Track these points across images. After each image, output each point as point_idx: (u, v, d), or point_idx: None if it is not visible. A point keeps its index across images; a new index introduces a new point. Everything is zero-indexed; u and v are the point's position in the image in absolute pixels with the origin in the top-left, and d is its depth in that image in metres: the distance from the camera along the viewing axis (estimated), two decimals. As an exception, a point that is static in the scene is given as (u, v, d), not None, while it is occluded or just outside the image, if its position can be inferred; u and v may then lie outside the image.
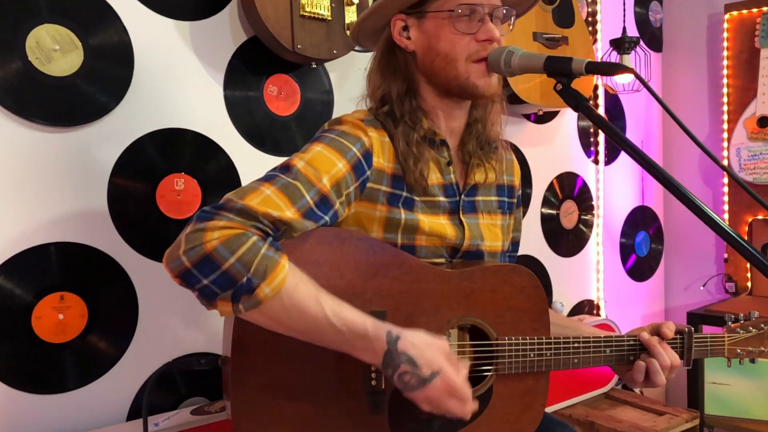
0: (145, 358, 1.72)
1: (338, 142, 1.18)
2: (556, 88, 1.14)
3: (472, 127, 1.36)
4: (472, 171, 1.35)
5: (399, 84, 1.28)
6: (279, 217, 1.04)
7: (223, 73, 1.88)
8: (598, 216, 2.99)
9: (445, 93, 1.28)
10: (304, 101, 2.02)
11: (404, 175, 1.24)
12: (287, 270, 1.00)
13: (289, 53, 1.84)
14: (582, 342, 1.31)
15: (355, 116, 1.25)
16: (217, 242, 0.97)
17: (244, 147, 1.91)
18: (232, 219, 1.00)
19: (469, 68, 1.23)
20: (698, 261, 3.26)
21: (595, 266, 3.00)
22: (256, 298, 0.99)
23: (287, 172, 1.11)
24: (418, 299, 1.19)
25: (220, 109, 1.88)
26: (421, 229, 1.25)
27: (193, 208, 1.80)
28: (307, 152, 1.15)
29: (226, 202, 1.03)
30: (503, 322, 1.26)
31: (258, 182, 1.09)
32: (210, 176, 1.85)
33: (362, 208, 1.22)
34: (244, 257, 0.97)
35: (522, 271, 1.29)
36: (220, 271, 0.97)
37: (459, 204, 1.32)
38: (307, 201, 1.09)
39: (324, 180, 1.12)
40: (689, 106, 3.24)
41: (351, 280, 1.14)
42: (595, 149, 2.98)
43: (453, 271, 1.23)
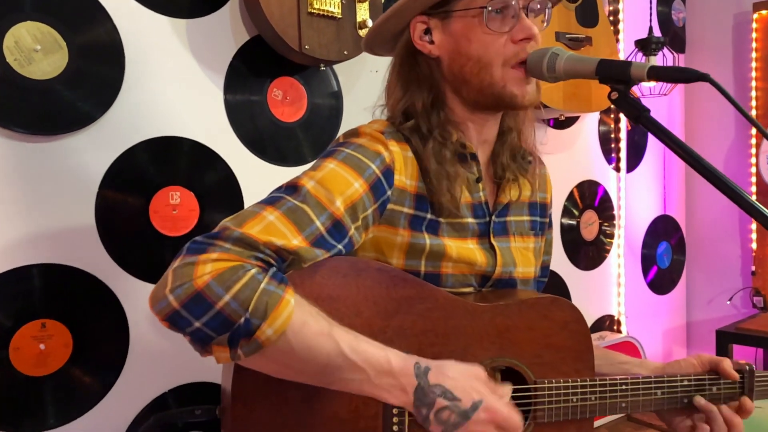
0: (136, 392, 1.57)
1: (355, 158, 1.03)
2: (611, 96, 0.98)
3: (505, 137, 1.21)
4: (504, 188, 1.19)
5: (424, 95, 1.12)
6: (284, 246, 0.89)
7: (224, 76, 1.73)
8: (619, 227, 2.83)
9: (476, 104, 1.12)
10: (311, 106, 1.86)
11: (432, 196, 1.09)
12: (292, 306, 0.86)
13: (296, 54, 1.68)
14: (630, 383, 1.16)
15: (374, 127, 1.10)
16: (209, 277, 0.82)
17: (246, 156, 1.76)
18: (227, 250, 0.85)
19: (506, 74, 1.07)
20: (722, 273, 3.10)
21: (615, 279, 2.84)
22: (257, 341, 0.84)
23: (294, 193, 0.95)
24: (446, 338, 1.04)
25: (219, 115, 1.73)
26: (448, 256, 1.09)
27: (190, 224, 1.64)
28: (318, 170, 1.00)
29: (222, 230, 0.88)
30: (542, 363, 1.11)
31: (260, 206, 0.93)
32: (209, 189, 1.69)
33: (381, 233, 1.07)
34: (240, 294, 0.83)
35: (563, 305, 1.13)
36: (213, 311, 0.82)
37: (489, 226, 1.17)
38: (317, 227, 0.94)
39: (337, 202, 0.96)
40: (713, 110, 3.08)
41: (369, 318, 0.99)
42: (616, 156, 2.82)
43: (485, 306, 1.07)
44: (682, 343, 3.22)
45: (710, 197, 3.13)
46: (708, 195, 3.13)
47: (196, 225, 1.64)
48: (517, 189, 1.20)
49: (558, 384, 1.10)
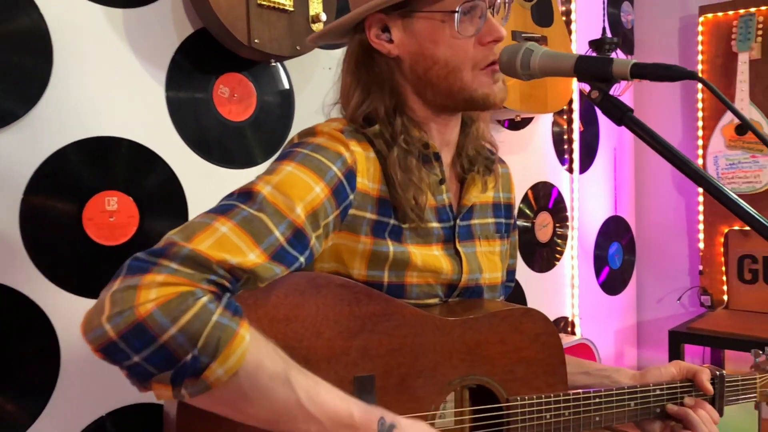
0: (69, 418, 1.42)
1: (314, 160, 0.94)
2: (592, 96, 0.92)
3: (468, 128, 1.14)
4: (467, 188, 1.12)
5: (386, 99, 1.03)
6: (239, 265, 0.79)
7: (165, 71, 1.60)
8: (572, 228, 2.83)
9: (444, 107, 1.05)
10: (261, 104, 1.75)
11: (396, 202, 1.01)
12: (247, 343, 0.75)
13: (245, 49, 1.57)
14: (604, 396, 1.11)
15: (332, 126, 1.01)
16: (154, 305, 0.71)
17: (190, 158, 1.64)
18: (175, 271, 0.74)
19: (476, 78, 1.01)
20: (671, 273, 3.14)
21: (569, 281, 2.83)
22: (205, 382, 0.73)
23: (249, 200, 0.85)
24: (413, 357, 0.96)
25: (161, 114, 1.60)
26: (413, 264, 1.01)
27: (128, 232, 1.51)
28: (275, 173, 0.90)
29: (168, 245, 0.76)
30: (514, 379, 1.05)
31: (210, 215, 0.83)
32: (149, 193, 1.56)
33: (342, 240, 0.98)
34: (189, 327, 0.72)
35: (535, 316, 1.07)
36: (156, 345, 0.72)
37: (454, 230, 1.09)
38: (277, 238, 0.84)
39: (297, 209, 0.87)
40: (661, 111, 3.11)
41: (330, 339, 0.90)
42: (569, 157, 2.81)
43: (454, 320, 1.00)
44: (633, 342, 3.25)
45: (659, 198, 3.16)
46: (657, 196, 3.17)
47: (135, 233, 1.51)
48: (479, 190, 1.14)
49: (531, 401, 1.04)
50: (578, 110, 2.79)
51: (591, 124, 2.92)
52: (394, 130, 1.02)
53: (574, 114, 2.77)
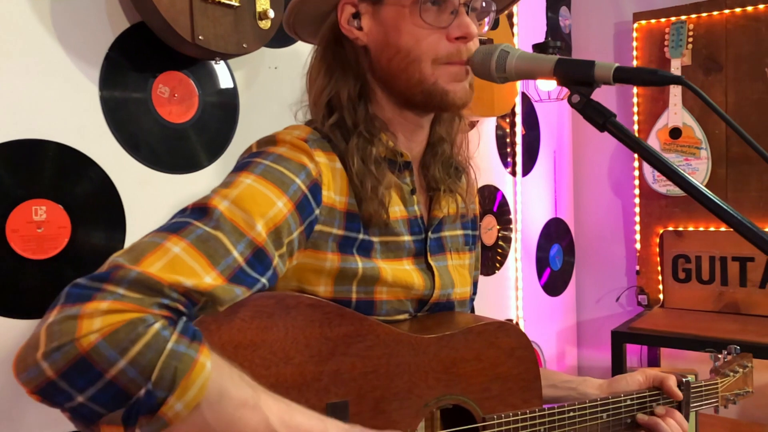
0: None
1: (276, 172, 0.86)
2: (573, 101, 0.88)
3: (436, 148, 1.09)
4: (437, 201, 1.08)
5: (350, 84, 0.99)
6: (195, 287, 0.71)
7: (99, 69, 1.47)
8: (516, 230, 2.84)
9: (405, 102, 1.01)
10: (204, 105, 1.64)
11: (360, 206, 0.94)
12: (208, 372, 0.68)
13: (188, 46, 1.46)
14: (578, 409, 1.09)
15: (294, 134, 0.93)
16: (98, 336, 0.63)
17: (128, 163, 1.51)
18: (121, 297, 0.66)
19: (436, 71, 0.96)
20: (609, 273, 3.21)
21: (514, 283, 2.84)
22: (162, 419, 0.65)
23: (204, 217, 0.77)
24: (389, 380, 0.90)
25: (95, 115, 1.47)
26: (383, 280, 0.96)
27: (59, 244, 1.37)
28: (232, 186, 0.82)
29: (113, 269, 0.68)
30: (490, 397, 1.01)
31: (160, 234, 0.74)
32: (82, 202, 1.43)
33: (307, 259, 0.91)
34: (140, 358, 0.64)
35: (510, 330, 1.04)
36: (103, 381, 0.63)
37: (426, 244, 1.04)
38: (235, 259, 0.76)
39: (258, 227, 0.80)
40: (598, 115, 3.17)
41: (301, 364, 0.83)
42: (512, 160, 2.82)
43: (430, 338, 0.95)
44: (573, 342, 3.30)
45: (596, 200, 3.23)
46: (595, 198, 3.23)
47: (67, 245, 1.38)
48: (447, 203, 1.10)
49: (507, 418, 1.00)
50: (521, 113, 2.80)
51: (532, 128, 2.94)
52: (356, 117, 0.97)
53: (517, 117, 2.78)
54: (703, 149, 2.76)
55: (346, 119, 0.97)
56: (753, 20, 2.68)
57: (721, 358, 1.34)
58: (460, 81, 0.98)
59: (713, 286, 2.79)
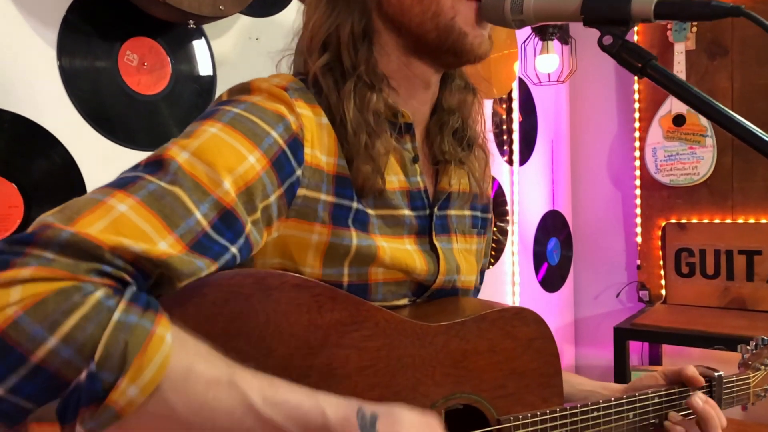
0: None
1: (247, 121, 0.71)
2: (604, 43, 0.74)
3: (445, 118, 0.94)
4: (445, 173, 0.93)
5: (354, 19, 0.82)
6: (145, 253, 0.56)
7: (56, 33, 1.31)
8: (512, 223, 2.70)
9: (414, 45, 0.84)
10: (177, 75, 1.49)
11: (351, 166, 0.79)
12: (168, 345, 0.54)
13: (158, 6, 1.31)
14: (602, 408, 0.95)
15: (273, 82, 0.78)
16: (18, 310, 0.49)
17: (90, 137, 1.35)
18: (49, 262, 0.51)
19: (457, 6, 0.80)
20: (608, 268, 3.09)
21: (510, 278, 2.70)
22: (112, 409, 0.51)
23: (158, 170, 0.62)
24: (390, 376, 0.75)
25: (53, 84, 1.31)
26: (380, 260, 0.81)
27: (9, 225, 1.21)
28: (193, 137, 0.67)
29: (41, 229, 0.53)
30: (505, 395, 0.86)
31: (103, 190, 0.60)
32: (37, 179, 1.27)
33: (290, 230, 0.76)
34: (77, 333, 0.50)
35: (528, 317, 0.89)
36: (27, 366, 0.49)
37: (431, 221, 0.89)
38: (198, 221, 0.62)
39: (225, 184, 0.65)
40: (596, 102, 3.05)
41: (285, 358, 0.68)
42: (509, 148, 2.68)
43: (437, 326, 0.80)
44: (571, 341, 3.17)
45: (596, 192, 3.10)
46: (593, 189, 3.11)
47: (18, 228, 1.22)
48: (457, 178, 0.95)
49: (525, 420, 0.86)
50: (518, 99, 2.67)
51: (529, 114, 2.81)
52: (356, 58, 0.81)
53: (514, 103, 2.65)
54: (708, 137, 2.64)
55: (343, 59, 0.81)
56: (760, 2, 2.56)
57: (749, 351, 1.21)
58: (480, 26, 0.83)
59: (718, 281, 2.67)
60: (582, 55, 2.90)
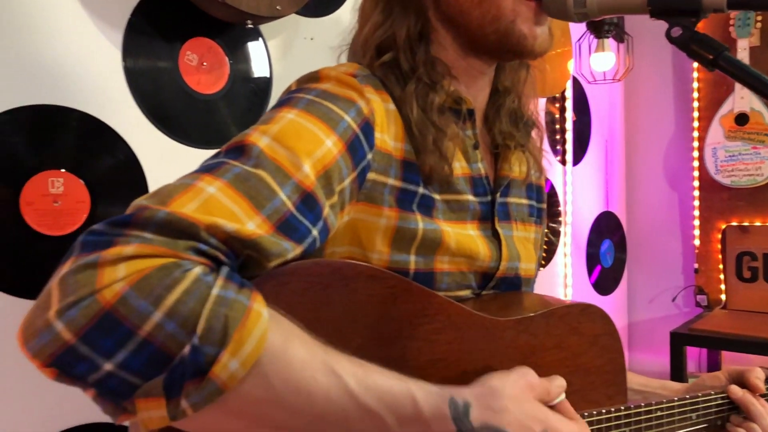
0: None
1: (322, 107, 0.72)
2: (672, 34, 0.72)
3: (501, 99, 0.95)
4: (505, 159, 0.92)
5: (410, 22, 0.84)
6: (237, 233, 0.57)
7: (122, 34, 1.35)
8: (565, 224, 2.65)
9: (473, 45, 0.85)
10: (235, 75, 1.51)
11: (419, 158, 0.79)
12: (265, 320, 0.54)
13: (217, 6, 1.33)
14: (666, 408, 0.92)
15: (341, 70, 0.79)
16: (125, 285, 0.50)
17: (152, 135, 1.38)
18: (149, 240, 0.52)
19: (517, 7, 0.80)
20: (664, 271, 3.00)
21: (562, 280, 2.65)
22: (215, 383, 0.51)
23: (242, 155, 0.63)
24: (460, 369, 0.75)
25: (118, 83, 1.34)
26: (445, 246, 0.80)
27: (77, 219, 1.25)
28: (272, 122, 0.68)
29: (137, 210, 0.55)
30: (571, 392, 0.84)
31: (191, 176, 0.61)
32: (102, 175, 1.30)
33: (360, 214, 0.76)
34: (180, 307, 0.51)
35: (594, 314, 0.87)
36: (135, 341, 0.50)
37: (493, 207, 0.89)
38: (283, 202, 0.62)
39: (305, 167, 0.65)
40: (653, 101, 2.97)
41: (361, 348, 0.68)
42: (562, 148, 2.64)
43: (506, 321, 0.79)
44: (624, 344, 3.09)
45: (651, 193, 3.02)
46: (649, 190, 3.03)
47: (85, 222, 1.25)
48: (516, 164, 0.94)
49: (590, 417, 0.84)
50: (572, 97, 2.62)
51: (583, 113, 2.76)
52: (414, 61, 0.82)
53: (568, 102, 2.60)
54: (773, 136, 2.54)
55: (401, 62, 0.83)
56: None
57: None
58: (540, 24, 0.82)
59: (783, 286, 2.57)
60: (638, 53, 2.83)
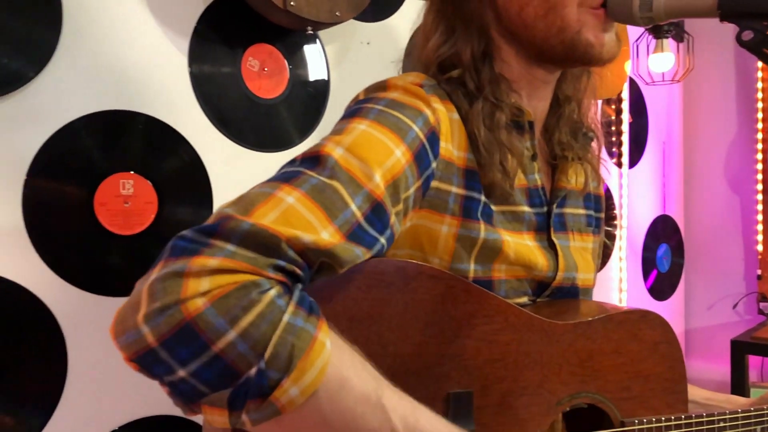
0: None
1: (391, 117, 0.74)
2: (743, 38, 0.72)
3: (562, 108, 0.95)
4: (563, 171, 0.93)
5: (474, 42, 0.85)
6: (313, 244, 0.59)
7: (188, 40, 1.41)
8: (620, 227, 2.61)
9: (538, 57, 0.86)
10: (294, 79, 1.55)
11: (482, 171, 0.81)
12: (328, 353, 0.57)
13: (279, 13, 1.38)
14: (729, 419, 0.91)
15: (408, 80, 0.81)
16: (207, 301, 0.53)
17: (215, 138, 1.44)
18: (233, 255, 0.56)
19: (582, 17, 0.80)
20: (724, 277, 2.91)
21: (617, 285, 2.61)
22: (274, 405, 0.55)
23: (317, 165, 0.66)
24: (518, 370, 0.76)
25: (184, 88, 1.40)
26: (504, 255, 0.81)
27: (145, 220, 1.31)
28: (345, 133, 0.71)
29: (223, 220, 0.58)
30: (630, 397, 0.85)
31: (271, 184, 0.64)
32: (169, 177, 1.36)
33: (422, 221, 0.78)
34: (253, 330, 0.54)
35: (654, 321, 0.87)
36: (208, 355, 0.53)
37: (549, 218, 0.89)
38: (354, 213, 0.65)
39: (376, 177, 0.68)
40: (714, 102, 2.89)
41: (421, 345, 0.71)
42: (618, 150, 2.59)
43: (565, 325, 0.80)
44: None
45: (711, 196, 2.94)
46: (708, 193, 2.95)
47: (153, 221, 1.31)
48: (573, 174, 0.95)
49: (650, 424, 0.84)
50: (628, 99, 2.58)
51: (640, 115, 2.71)
52: (480, 80, 0.83)
53: (624, 104, 2.56)
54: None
55: (467, 81, 0.84)
56: None
57: None
58: (606, 31, 0.82)
59: None
60: (698, 53, 2.76)
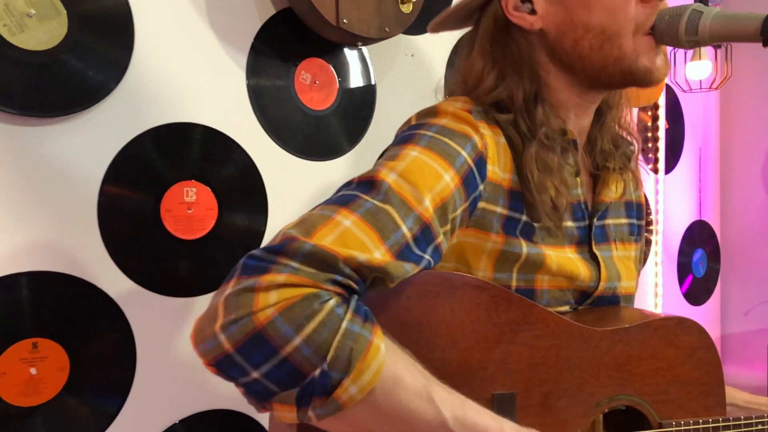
0: (142, 424, 1.32)
1: (441, 143, 0.81)
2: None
3: (603, 118, 1.00)
4: (604, 183, 0.98)
5: (526, 84, 0.89)
6: (368, 262, 0.67)
7: (246, 56, 1.50)
8: (656, 232, 2.63)
9: (595, 84, 0.91)
10: (342, 92, 1.63)
11: (528, 197, 0.87)
12: (383, 355, 0.65)
13: (331, 30, 1.46)
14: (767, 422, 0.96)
15: (457, 106, 0.88)
16: (275, 311, 0.62)
17: (271, 148, 1.53)
18: (296, 270, 0.64)
19: (638, 44, 0.85)
20: (760, 283, 2.90)
21: (653, 289, 2.63)
22: (336, 402, 0.63)
23: (372, 190, 0.74)
24: (558, 374, 0.82)
25: (241, 100, 1.49)
26: (547, 267, 0.88)
27: (206, 225, 1.40)
28: (398, 159, 0.78)
29: (288, 241, 0.66)
30: (668, 401, 0.91)
31: (330, 207, 0.72)
32: (228, 185, 1.46)
33: (468, 238, 0.85)
34: (316, 336, 0.62)
35: (690, 327, 0.93)
36: (277, 358, 0.62)
37: (590, 231, 0.95)
38: (404, 234, 0.72)
39: (426, 201, 0.75)
40: (752, 110, 2.89)
41: (466, 350, 0.78)
42: (654, 156, 2.62)
43: (603, 331, 0.86)
44: (717, 356, 3.02)
45: (748, 201, 2.94)
46: (745, 199, 2.94)
47: (213, 227, 1.41)
48: (614, 185, 1.00)
49: (687, 426, 0.90)
50: (665, 105, 2.60)
51: (676, 121, 2.72)
52: (533, 121, 0.88)
53: (661, 110, 2.58)
54: None
55: (519, 123, 0.88)
56: None
57: None
58: (658, 54, 0.88)
59: None
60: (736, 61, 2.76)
